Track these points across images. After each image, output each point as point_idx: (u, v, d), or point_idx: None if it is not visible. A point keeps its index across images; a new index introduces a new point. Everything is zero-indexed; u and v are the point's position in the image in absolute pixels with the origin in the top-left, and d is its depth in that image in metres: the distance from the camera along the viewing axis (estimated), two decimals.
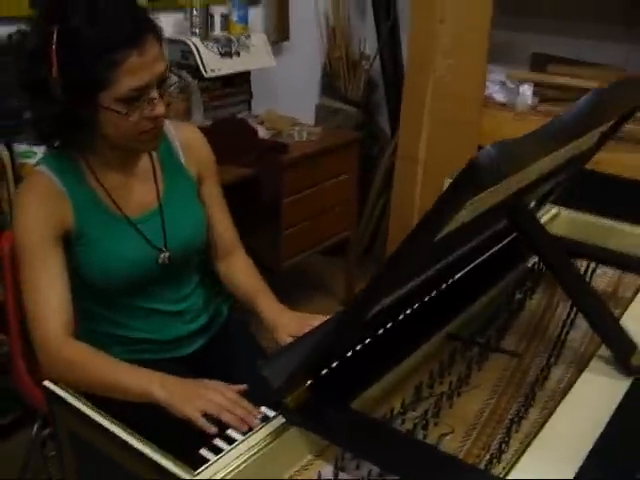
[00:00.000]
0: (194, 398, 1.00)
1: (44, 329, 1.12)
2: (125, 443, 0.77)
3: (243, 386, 1.03)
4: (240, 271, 1.40)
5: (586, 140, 0.99)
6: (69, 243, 1.19)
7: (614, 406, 0.83)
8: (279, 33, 2.89)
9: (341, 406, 0.81)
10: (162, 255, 1.26)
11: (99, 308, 1.29)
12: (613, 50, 2.69)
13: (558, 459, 0.75)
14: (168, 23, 2.51)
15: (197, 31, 2.50)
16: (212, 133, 2.31)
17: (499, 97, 2.59)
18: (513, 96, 2.54)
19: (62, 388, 0.92)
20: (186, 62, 2.50)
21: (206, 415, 0.96)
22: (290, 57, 2.99)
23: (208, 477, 0.73)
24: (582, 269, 1.26)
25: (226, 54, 2.54)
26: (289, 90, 2.96)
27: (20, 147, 1.87)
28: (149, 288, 1.29)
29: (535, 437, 0.81)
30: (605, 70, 2.64)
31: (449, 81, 2.59)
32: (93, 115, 1.10)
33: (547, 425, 0.82)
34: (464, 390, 0.97)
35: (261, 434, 0.80)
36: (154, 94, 1.10)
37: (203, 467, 0.74)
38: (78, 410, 0.84)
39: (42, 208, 1.15)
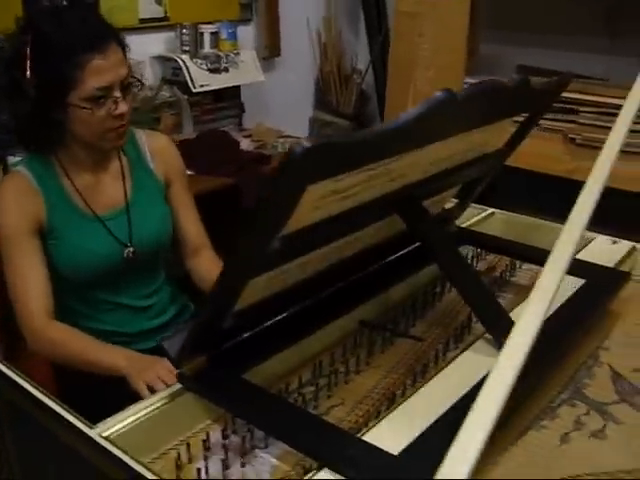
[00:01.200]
0: (147, 371, 1.11)
1: (28, 312, 1.26)
2: (39, 400, 0.89)
3: None
4: (207, 268, 1.50)
5: (477, 139, 1.08)
6: (43, 237, 1.32)
7: (473, 382, 0.91)
8: (270, 49, 3.03)
9: (233, 376, 0.91)
10: (127, 250, 1.39)
11: (71, 301, 1.42)
12: (596, 62, 2.76)
13: (408, 426, 0.84)
14: (160, 41, 2.67)
15: (187, 49, 2.64)
16: (196, 145, 2.46)
17: None
18: None
19: None
20: (176, 78, 2.65)
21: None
22: (282, 72, 3.13)
23: (102, 430, 0.84)
24: (506, 264, 1.36)
25: (215, 70, 2.68)
26: (281, 104, 3.09)
27: (13, 160, 2.02)
28: (116, 283, 1.42)
29: (398, 406, 0.90)
30: (588, 82, 2.70)
31: (428, 92, 2.69)
32: (63, 113, 1.25)
33: (413, 396, 0.91)
34: (363, 369, 1.06)
35: (158, 396, 0.91)
36: (117, 94, 1.24)
37: (101, 422, 0.85)
38: (6, 375, 0.95)
39: (18, 204, 1.30)
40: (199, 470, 0.84)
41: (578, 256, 1.30)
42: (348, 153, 0.75)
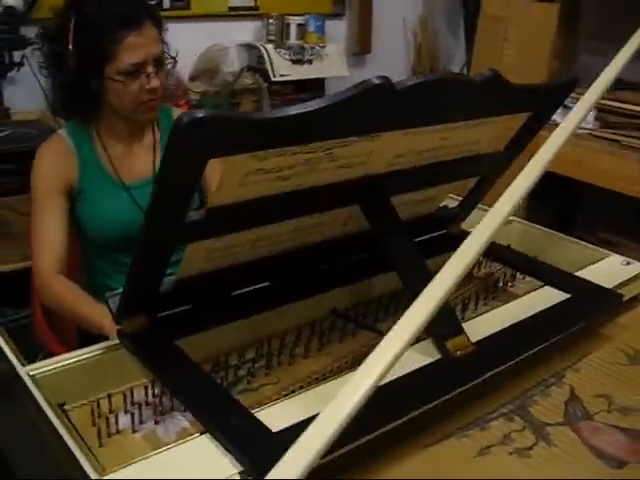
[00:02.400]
0: None
1: (39, 266, 1.37)
2: None
3: None
4: None
5: (460, 138, 1.05)
6: (72, 199, 1.43)
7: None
8: (361, 45, 3.05)
9: (165, 340, 0.95)
10: None
11: (95, 260, 1.52)
12: None
13: (305, 409, 0.83)
14: (248, 30, 2.76)
15: (272, 38, 2.72)
16: None
17: (557, 118, 2.55)
18: None
19: None
20: (260, 66, 2.73)
21: None
22: (371, 69, 3.13)
23: (31, 369, 0.91)
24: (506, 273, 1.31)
25: (297, 61, 2.73)
26: None
27: None
28: (137, 248, 1.51)
29: (309, 390, 0.90)
30: None
31: None
32: (100, 85, 1.35)
33: (330, 382, 0.91)
34: (312, 355, 1.07)
35: (94, 347, 0.97)
36: (150, 69, 1.33)
37: (37, 363, 0.92)
38: None
39: (53, 164, 1.42)
40: (108, 419, 0.88)
41: (580, 273, 1.24)
42: (247, 130, 0.76)
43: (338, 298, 1.18)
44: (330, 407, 0.65)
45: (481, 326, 1.04)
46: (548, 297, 1.14)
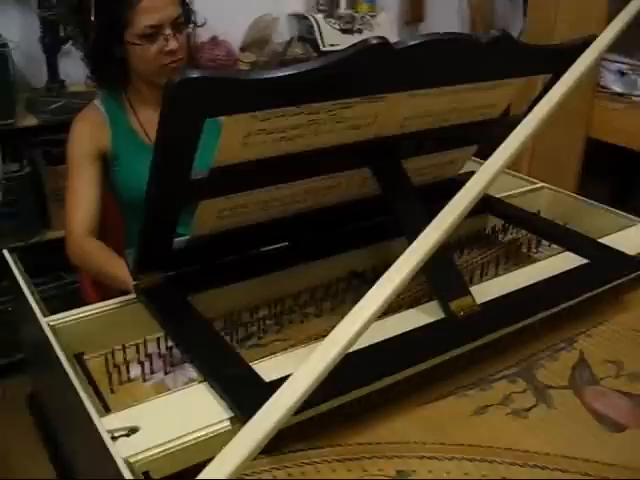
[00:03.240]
0: None
1: (70, 227, 1.44)
2: (20, 290, 1.04)
3: None
4: None
5: (470, 100, 1.05)
6: (108, 163, 1.50)
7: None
8: (413, 14, 3.00)
9: (177, 295, 1.00)
10: None
11: (131, 222, 1.59)
12: None
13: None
14: (299, 0, 2.76)
15: (323, 8, 2.72)
16: None
17: (616, 87, 2.47)
18: (630, 87, 2.41)
19: None
20: (310, 36, 2.73)
21: None
22: None
23: (51, 319, 0.97)
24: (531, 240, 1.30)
25: (347, 31, 2.72)
26: None
27: None
28: None
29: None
30: None
31: None
32: (124, 51, 1.40)
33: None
34: (325, 314, 1.09)
35: (112, 301, 1.02)
36: (167, 31, 1.37)
37: (59, 314, 0.98)
38: None
39: (87, 131, 1.49)
40: (119, 368, 0.94)
41: (604, 239, 1.21)
42: (241, 91, 0.78)
43: (356, 260, 1.20)
44: (305, 364, 0.68)
45: (491, 289, 1.03)
46: (566, 262, 1.12)
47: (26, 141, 2.18)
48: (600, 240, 1.20)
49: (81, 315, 1.00)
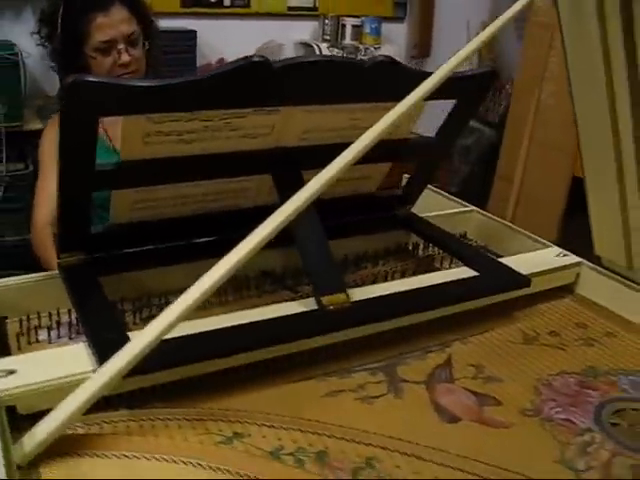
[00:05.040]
0: None
1: (35, 216, 1.60)
2: None
3: None
4: None
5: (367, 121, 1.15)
6: None
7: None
8: (420, 48, 3.13)
9: (89, 275, 1.13)
10: None
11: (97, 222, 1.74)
12: None
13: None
14: (306, 29, 2.92)
15: (328, 38, 2.87)
16: None
17: None
18: None
19: None
20: None
21: None
22: None
23: None
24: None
25: None
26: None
27: None
28: None
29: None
30: None
31: (553, 106, 2.59)
32: (85, 62, 1.58)
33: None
34: (228, 303, 1.21)
35: (37, 274, 1.16)
36: (120, 46, 1.56)
37: None
38: None
39: (54, 136, 1.64)
40: (29, 330, 1.07)
41: (506, 258, 1.29)
42: (130, 95, 0.91)
43: (268, 260, 1.30)
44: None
45: (373, 291, 1.13)
46: (457, 275, 1.21)
47: (32, 143, 2.37)
48: (503, 259, 1.29)
49: (10, 283, 1.14)
